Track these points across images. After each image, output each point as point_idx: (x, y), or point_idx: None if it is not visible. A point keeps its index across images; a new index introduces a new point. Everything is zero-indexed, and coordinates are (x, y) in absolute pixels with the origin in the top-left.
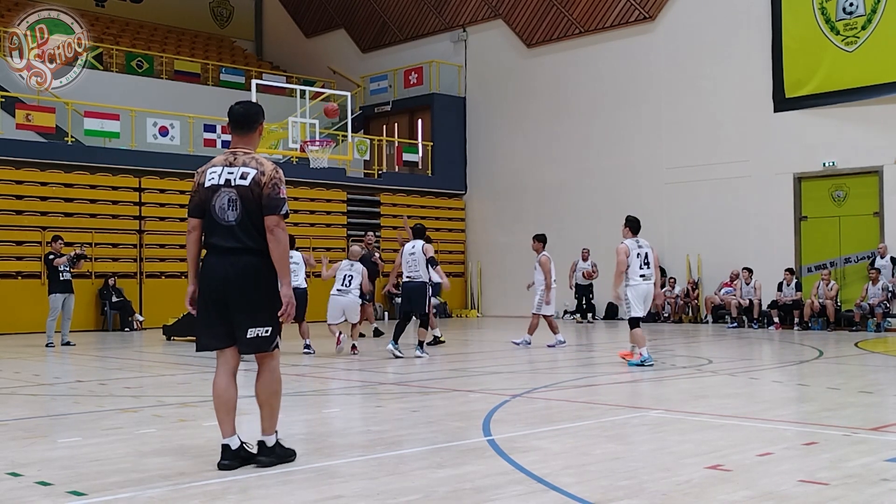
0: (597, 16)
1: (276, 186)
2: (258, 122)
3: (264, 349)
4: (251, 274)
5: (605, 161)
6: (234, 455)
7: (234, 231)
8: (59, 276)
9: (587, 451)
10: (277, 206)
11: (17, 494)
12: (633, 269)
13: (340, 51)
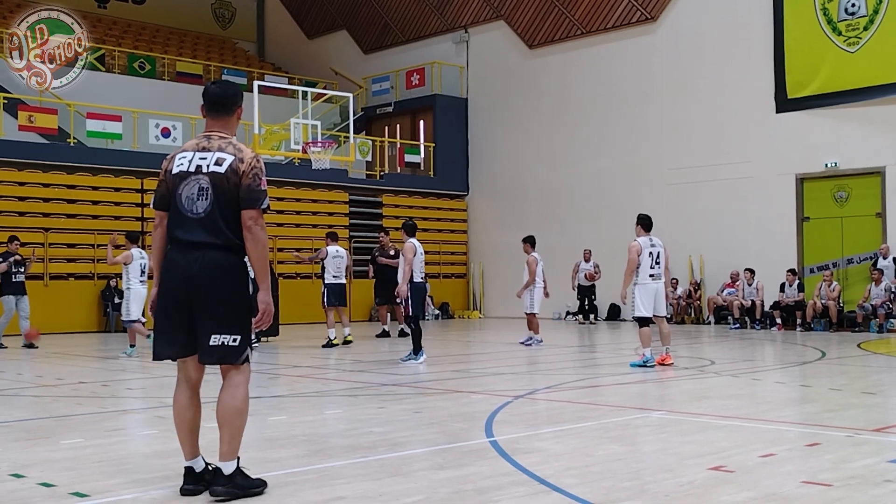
0: (598, 17)
1: (256, 177)
2: (236, 105)
3: (230, 360)
4: (218, 271)
5: (607, 162)
6: (198, 478)
7: (202, 223)
8: (11, 278)
9: (590, 453)
10: (257, 200)
11: (20, 496)
12: (643, 268)
13: (342, 52)
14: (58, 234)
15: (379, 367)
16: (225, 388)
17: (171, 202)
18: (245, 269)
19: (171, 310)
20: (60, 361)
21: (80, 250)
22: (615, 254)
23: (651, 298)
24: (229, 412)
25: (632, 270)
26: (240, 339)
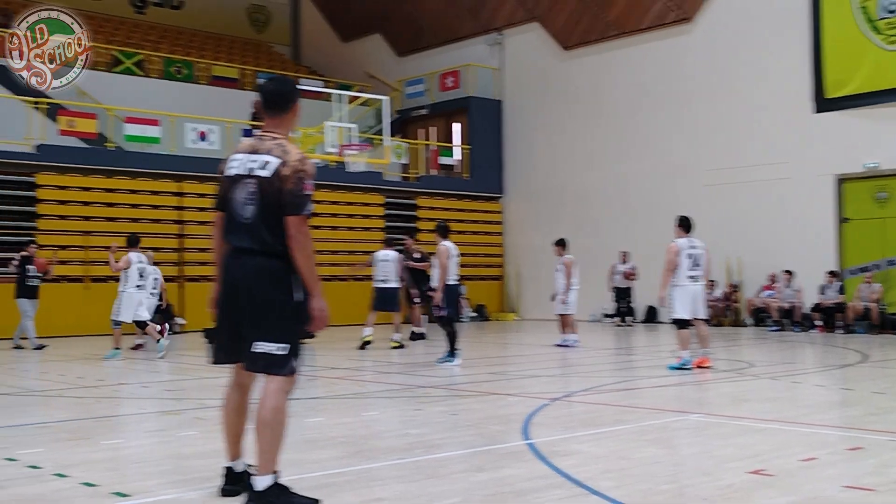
0: (633, 17)
1: (300, 181)
2: (292, 102)
3: (275, 370)
4: (260, 278)
5: (643, 163)
6: (237, 479)
7: (248, 229)
8: (25, 282)
9: (627, 455)
10: (300, 205)
11: (63, 495)
12: (681, 270)
13: (377, 55)
14: (98, 238)
15: (415, 370)
16: (263, 395)
17: (226, 205)
18: (292, 276)
19: (223, 315)
20: (101, 363)
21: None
22: (652, 255)
23: (690, 301)
24: (259, 423)
25: (669, 272)
26: (288, 347)
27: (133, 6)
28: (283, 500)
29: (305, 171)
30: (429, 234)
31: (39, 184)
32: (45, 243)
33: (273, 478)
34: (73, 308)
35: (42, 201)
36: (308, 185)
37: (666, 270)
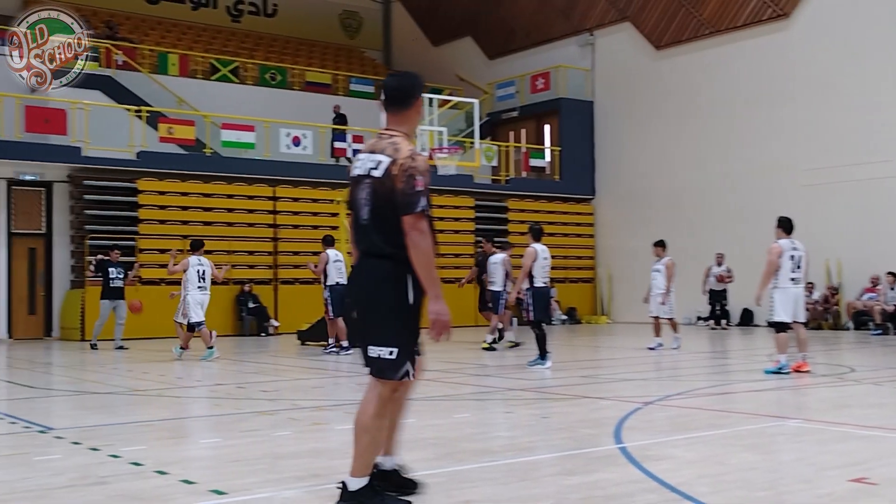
0: (728, 15)
1: (410, 178)
2: (412, 97)
3: (387, 375)
4: (375, 280)
5: (738, 164)
6: (383, 476)
7: (365, 230)
8: (109, 284)
9: (722, 461)
10: (412, 203)
11: (163, 492)
12: (783, 272)
13: (467, 58)
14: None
15: (506, 372)
16: (364, 396)
17: (351, 206)
18: (408, 278)
19: (354, 319)
20: (199, 364)
21: (216, 256)
22: (747, 257)
23: (791, 304)
24: (358, 428)
25: (770, 273)
26: (397, 352)
27: (230, 15)
28: (375, 501)
29: (415, 167)
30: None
31: (141, 189)
32: (146, 247)
33: (366, 480)
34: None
35: (143, 206)
36: (419, 182)
37: (767, 271)
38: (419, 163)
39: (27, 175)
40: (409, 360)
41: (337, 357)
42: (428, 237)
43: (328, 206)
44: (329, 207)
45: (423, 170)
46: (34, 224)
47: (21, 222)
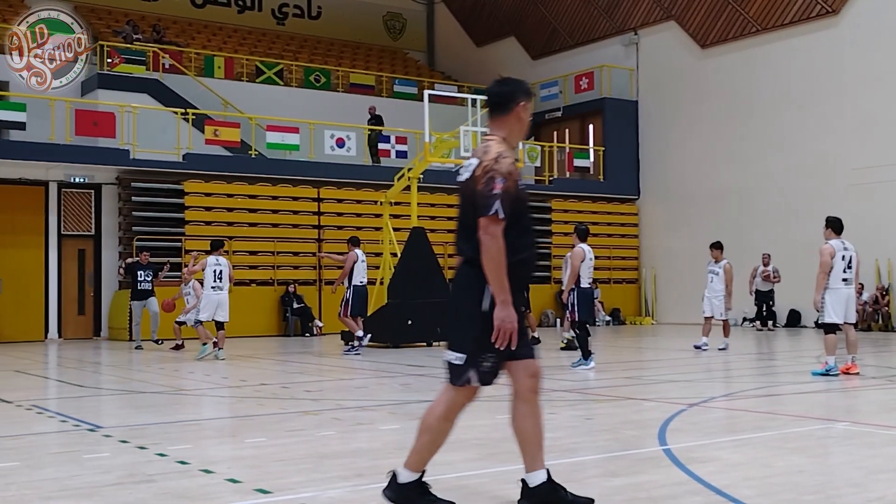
0: (775, 12)
1: (490, 180)
2: (512, 102)
3: (451, 380)
4: (459, 286)
5: (785, 163)
6: (530, 494)
7: (456, 235)
8: (137, 286)
9: (769, 463)
10: (487, 206)
11: (209, 490)
12: (835, 272)
13: (511, 58)
14: (240, 242)
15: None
16: (433, 401)
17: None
18: (483, 286)
19: None
20: (243, 364)
21: (261, 257)
22: (794, 257)
23: (843, 305)
24: (422, 426)
25: (824, 275)
26: (464, 359)
27: (274, 17)
28: (423, 500)
29: (496, 169)
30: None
31: (187, 191)
32: (192, 248)
33: (416, 476)
34: None
35: (189, 208)
36: (497, 185)
37: (821, 273)
38: (502, 165)
39: (77, 177)
40: (475, 369)
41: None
42: (498, 241)
43: (372, 208)
44: (373, 209)
45: (504, 172)
46: (84, 226)
47: (71, 224)
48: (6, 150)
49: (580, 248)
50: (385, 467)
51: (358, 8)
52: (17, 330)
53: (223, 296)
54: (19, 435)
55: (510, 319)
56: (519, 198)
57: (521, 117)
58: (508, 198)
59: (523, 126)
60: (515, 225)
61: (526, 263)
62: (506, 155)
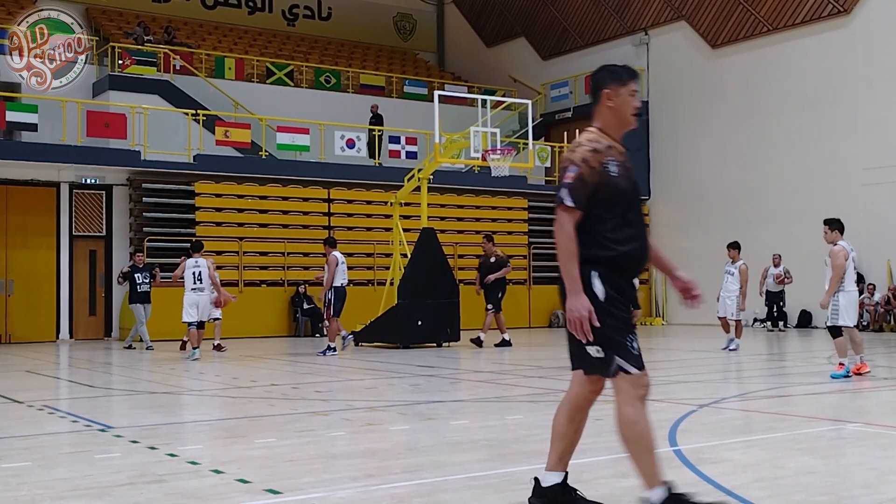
0: (786, 12)
1: (564, 170)
2: (598, 90)
3: (603, 372)
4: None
5: (796, 163)
6: (542, 493)
7: None
8: (136, 288)
9: (780, 464)
10: (558, 196)
11: (219, 490)
12: (848, 274)
13: (521, 59)
14: (251, 243)
15: (559, 374)
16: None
17: None
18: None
19: None
20: (254, 364)
21: (272, 258)
22: (805, 258)
23: (854, 307)
24: (622, 441)
25: (839, 277)
26: (603, 350)
27: (285, 18)
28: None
29: (570, 157)
30: None
31: (198, 192)
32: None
33: (663, 490)
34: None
35: (200, 208)
36: (568, 174)
37: (836, 276)
38: (578, 153)
39: (88, 178)
40: (619, 355)
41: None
42: (565, 230)
43: (382, 208)
44: (383, 209)
45: (579, 159)
46: (95, 227)
47: (82, 225)
48: (18, 151)
49: None
50: (396, 468)
51: (368, 9)
52: (28, 330)
53: (203, 297)
54: (31, 435)
55: (578, 308)
56: (608, 186)
57: (609, 105)
58: (584, 186)
59: (616, 113)
60: (608, 216)
61: (630, 257)
62: (585, 143)
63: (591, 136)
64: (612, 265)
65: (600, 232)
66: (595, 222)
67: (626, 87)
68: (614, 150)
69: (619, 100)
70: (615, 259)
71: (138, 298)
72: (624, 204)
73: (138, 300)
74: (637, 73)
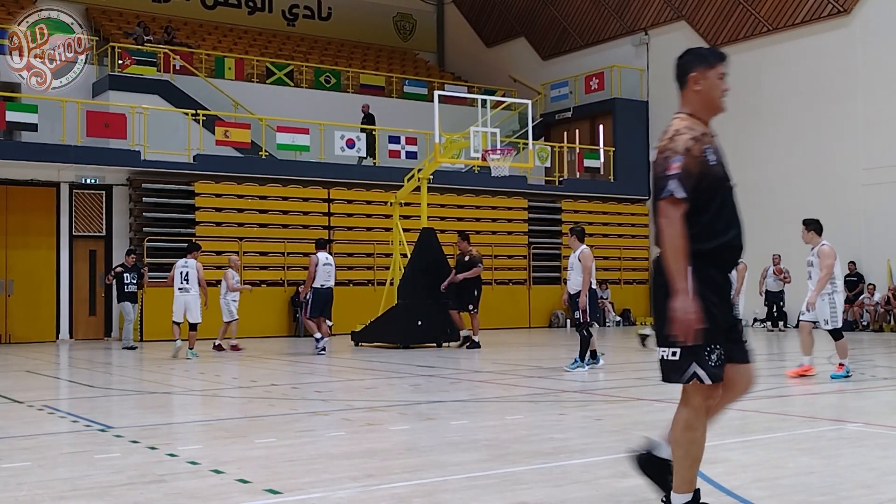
0: (786, 12)
1: (664, 160)
2: (685, 73)
3: (672, 378)
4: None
5: (796, 163)
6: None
7: None
8: (125, 288)
9: (779, 465)
10: (661, 188)
11: (219, 490)
12: (837, 275)
13: (521, 59)
14: (251, 243)
15: (559, 374)
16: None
17: None
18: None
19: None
20: (254, 364)
21: (272, 258)
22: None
23: (841, 308)
24: (671, 440)
25: (827, 278)
26: (679, 353)
27: (285, 18)
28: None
29: (671, 147)
30: None
31: (198, 192)
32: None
33: (688, 497)
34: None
35: (200, 209)
36: (673, 165)
37: (825, 277)
38: (678, 142)
39: (88, 178)
40: (697, 362)
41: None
42: (675, 225)
43: (382, 209)
44: (383, 209)
45: (681, 149)
46: (95, 227)
47: (82, 225)
48: (18, 151)
49: (587, 248)
50: (395, 468)
51: (368, 9)
52: (28, 331)
53: (189, 297)
54: (31, 435)
55: (686, 310)
56: (709, 174)
57: (698, 88)
58: (689, 177)
59: (705, 97)
60: (708, 206)
61: (730, 247)
62: (683, 131)
63: (686, 122)
64: (711, 258)
65: (700, 223)
66: (694, 213)
67: (714, 70)
68: (708, 137)
69: (707, 83)
70: (715, 251)
71: (127, 297)
72: (722, 192)
73: (126, 299)
74: (725, 55)
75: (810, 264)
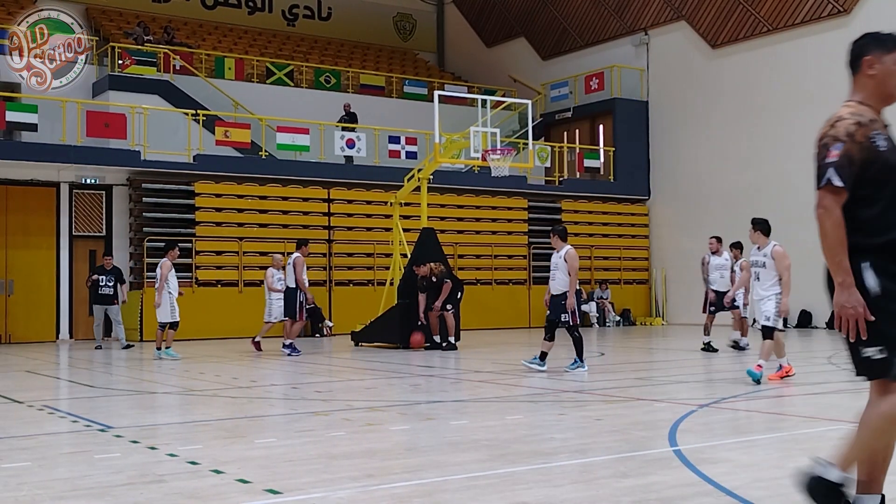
0: (786, 12)
1: (823, 148)
2: (858, 57)
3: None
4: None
5: (796, 163)
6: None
7: None
8: (97, 291)
9: (780, 465)
10: (819, 177)
11: (219, 490)
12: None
13: (521, 59)
14: (251, 243)
15: (559, 374)
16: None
17: None
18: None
19: None
20: (253, 364)
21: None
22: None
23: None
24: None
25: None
26: (885, 349)
27: (285, 19)
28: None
29: (830, 134)
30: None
31: (198, 192)
32: (202, 249)
33: (841, 476)
34: (229, 311)
35: (200, 209)
36: (832, 152)
37: (789, 275)
38: (838, 128)
39: (88, 178)
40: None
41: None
42: (832, 215)
43: (382, 208)
44: (383, 209)
45: (843, 134)
46: (95, 227)
47: (82, 225)
48: (18, 151)
49: (572, 248)
50: (395, 468)
51: (368, 9)
52: (28, 330)
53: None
54: (31, 435)
55: (849, 304)
56: (878, 161)
57: (872, 73)
58: (852, 163)
59: (879, 83)
60: (880, 195)
61: None
62: (847, 117)
63: (852, 108)
64: (886, 252)
65: (868, 215)
66: (861, 205)
67: (892, 56)
68: (879, 123)
69: (883, 68)
70: (888, 245)
71: (100, 300)
72: (895, 182)
73: (99, 302)
74: None
75: (759, 265)
